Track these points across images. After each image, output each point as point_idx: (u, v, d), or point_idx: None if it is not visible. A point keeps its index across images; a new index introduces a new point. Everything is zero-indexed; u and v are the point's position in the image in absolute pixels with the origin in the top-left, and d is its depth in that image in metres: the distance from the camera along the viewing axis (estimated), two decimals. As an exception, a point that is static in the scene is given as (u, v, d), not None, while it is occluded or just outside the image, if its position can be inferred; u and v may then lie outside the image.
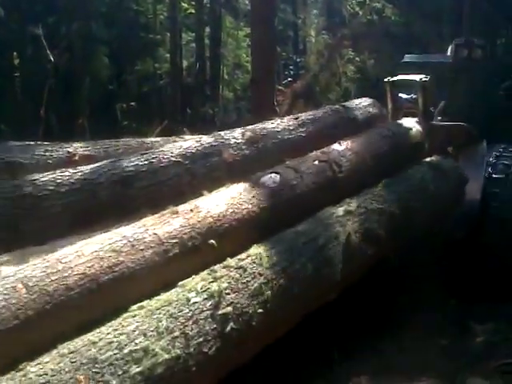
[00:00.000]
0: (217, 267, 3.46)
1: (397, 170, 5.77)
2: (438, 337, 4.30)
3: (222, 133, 5.22)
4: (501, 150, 6.97)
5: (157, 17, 22.81)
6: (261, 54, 12.54)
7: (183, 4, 22.21)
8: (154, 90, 22.67)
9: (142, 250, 3.19)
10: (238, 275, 3.46)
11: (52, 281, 2.82)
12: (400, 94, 7.27)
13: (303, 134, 5.68)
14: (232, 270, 3.48)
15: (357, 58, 12.20)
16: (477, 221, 6.39)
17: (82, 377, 2.55)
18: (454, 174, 6.42)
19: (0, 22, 16.29)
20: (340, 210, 4.54)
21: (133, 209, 4.03)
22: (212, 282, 3.31)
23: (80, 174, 4.22)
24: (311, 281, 3.91)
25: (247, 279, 3.47)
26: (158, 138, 6.39)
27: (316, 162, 4.84)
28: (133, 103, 22.95)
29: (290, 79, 21.93)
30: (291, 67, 27.42)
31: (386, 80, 7.13)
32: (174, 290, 3.20)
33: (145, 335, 2.85)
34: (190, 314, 3.07)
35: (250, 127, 5.52)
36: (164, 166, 4.50)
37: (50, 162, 4.95)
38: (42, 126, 9.40)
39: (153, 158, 4.50)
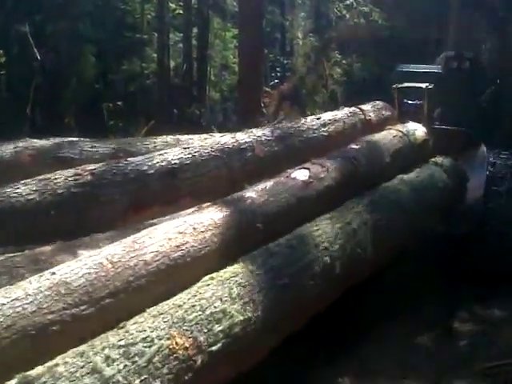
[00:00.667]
0: (271, 245, 4.18)
1: (408, 167, 6.55)
2: (423, 339, 4.32)
3: (254, 130, 5.94)
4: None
5: (144, 16, 22.73)
6: (248, 55, 12.57)
7: (171, 4, 22.18)
8: (140, 90, 22.61)
9: (202, 231, 3.85)
10: (290, 251, 4.17)
11: (132, 257, 3.42)
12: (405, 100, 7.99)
13: (325, 134, 6.40)
14: (284, 247, 4.18)
15: (343, 61, 12.25)
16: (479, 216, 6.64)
17: (175, 332, 3.07)
18: (457, 172, 7.16)
19: (-15, 19, 16.21)
20: (365, 200, 5.31)
21: (179, 197, 4.85)
22: (269, 258, 4.00)
23: (133, 165, 4.87)
24: (349, 260, 4.58)
25: (298, 255, 4.19)
26: (191, 136, 6.93)
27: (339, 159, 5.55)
28: (119, 103, 22.89)
29: (276, 81, 21.96)
30: (278, 69, 27.42)
31: (393, 86, 7.85)
32: (237, 265, 3.81)
33: (221, 300, 3.43)
34: (255, 284, 3.67)
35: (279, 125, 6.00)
36: (204, 160, 5.16)
37: (97, 156, 5.62)
38: (27, 124, 9.37)
39: (195, 151, 5.16)
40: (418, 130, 7.17)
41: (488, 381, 3.63)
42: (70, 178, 4.56)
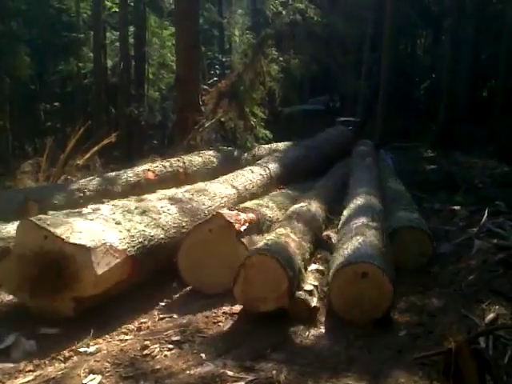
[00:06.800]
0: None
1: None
2: (362, 330, 4.37)
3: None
4: None
5: (80, 15, 22.45)
6: (185, 52, 12.52)
7: (107, 2, 21.94)
8: (77, 90, 22.34)
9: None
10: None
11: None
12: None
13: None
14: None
15: (280, 58, 12.32)
16: None
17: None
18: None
19: None
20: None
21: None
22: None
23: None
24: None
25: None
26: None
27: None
28: (56, 103, 22.57)
29: (215, 78, 21.95)
30: (217, 66, 27.46)
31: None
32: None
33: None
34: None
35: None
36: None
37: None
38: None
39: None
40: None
41: (425, 369, 3.69)
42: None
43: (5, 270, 4.45)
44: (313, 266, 5.11)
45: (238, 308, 4.60)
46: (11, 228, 5.13)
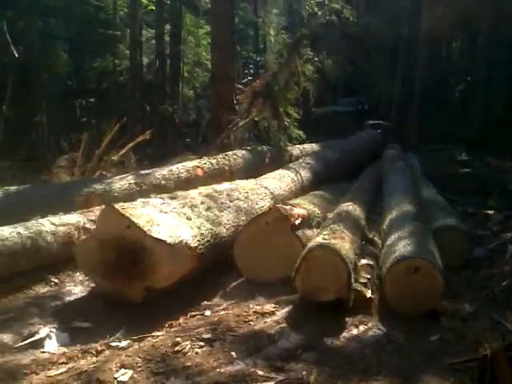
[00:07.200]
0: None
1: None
2: (393, 334, 4.35)
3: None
4: None
5: (117, 13, 22.65)
6: (220, 51, 12.56)
7: (143, 0, 22.09)
8: (113, 87, 22.51)
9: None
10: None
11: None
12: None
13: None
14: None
15: (315, 59, 12.29)
16: None
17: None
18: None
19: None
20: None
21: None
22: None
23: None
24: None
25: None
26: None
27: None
28: (92, 99, 22.77)
29: (249, 78, 21.97)
30: (251, 66, 27.48)
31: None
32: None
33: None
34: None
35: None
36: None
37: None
38: (2, 122, 9.25)
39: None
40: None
41: (457, 375, 3.66)
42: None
43: (83, 252, 4.74)
44: (362, 261, 5.30)
45: (268, 307, 4.63)
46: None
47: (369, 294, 4.75)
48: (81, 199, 6.51)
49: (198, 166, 8.46)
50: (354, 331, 4.34)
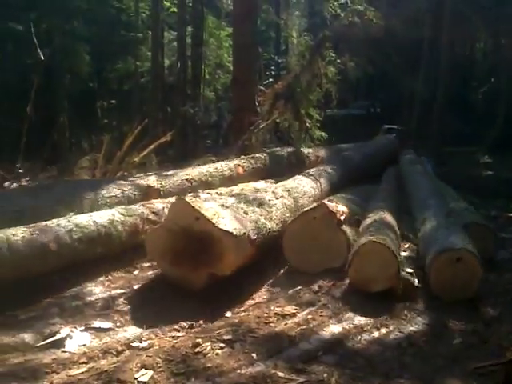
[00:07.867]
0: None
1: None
2: (415, 338, 4.32)
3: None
4: None
5: (139, 15, 22.75)
6: (242, 53, 12.57)
7: (165, 2, 22.18)
8: (134, 88, 22.62)
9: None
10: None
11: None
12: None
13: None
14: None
15: (338, 60, 12.27)
16: None
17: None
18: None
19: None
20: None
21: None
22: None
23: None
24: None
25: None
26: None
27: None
28: (113, 101, 22.91)
29: (271, 80, 21.96)
30: (273, 68, 27.46)
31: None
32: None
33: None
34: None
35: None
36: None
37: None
38: (26, 123, 9.31)
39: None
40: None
41: (480, 380, 3.63)
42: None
43: (153, 240, 5.13)
44: (403, 254, 5.75)
45: (289, 309, 4.61)
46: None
47: (416, 282, 5.07)
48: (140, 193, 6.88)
49: (239, 165, 8.86)
50: (376, 334, 4.31)
